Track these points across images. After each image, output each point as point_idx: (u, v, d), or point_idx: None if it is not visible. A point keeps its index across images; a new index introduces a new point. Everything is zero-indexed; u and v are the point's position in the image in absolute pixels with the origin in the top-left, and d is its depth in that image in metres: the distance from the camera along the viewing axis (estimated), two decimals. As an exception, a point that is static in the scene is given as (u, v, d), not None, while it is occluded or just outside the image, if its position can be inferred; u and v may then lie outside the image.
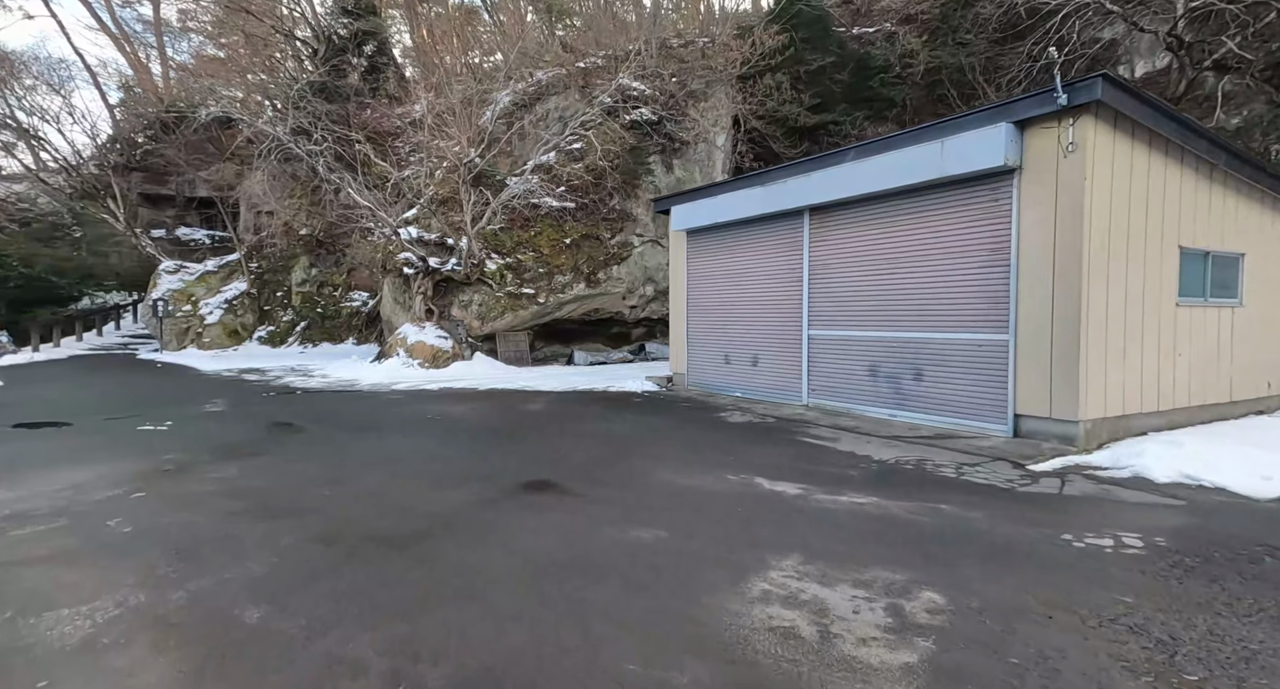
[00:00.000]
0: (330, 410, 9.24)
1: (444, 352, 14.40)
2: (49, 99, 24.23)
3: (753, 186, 9.22)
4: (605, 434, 7.17)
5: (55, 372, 14.56)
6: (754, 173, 9.49)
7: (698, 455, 6.02)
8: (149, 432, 7.35)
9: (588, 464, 5.71)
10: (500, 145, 16.26)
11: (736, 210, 9.47)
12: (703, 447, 6.44)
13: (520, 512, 4.33)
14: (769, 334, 9.33)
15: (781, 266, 9.07)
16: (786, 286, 8.98)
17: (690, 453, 6.15)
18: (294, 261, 21.05)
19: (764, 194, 8.97)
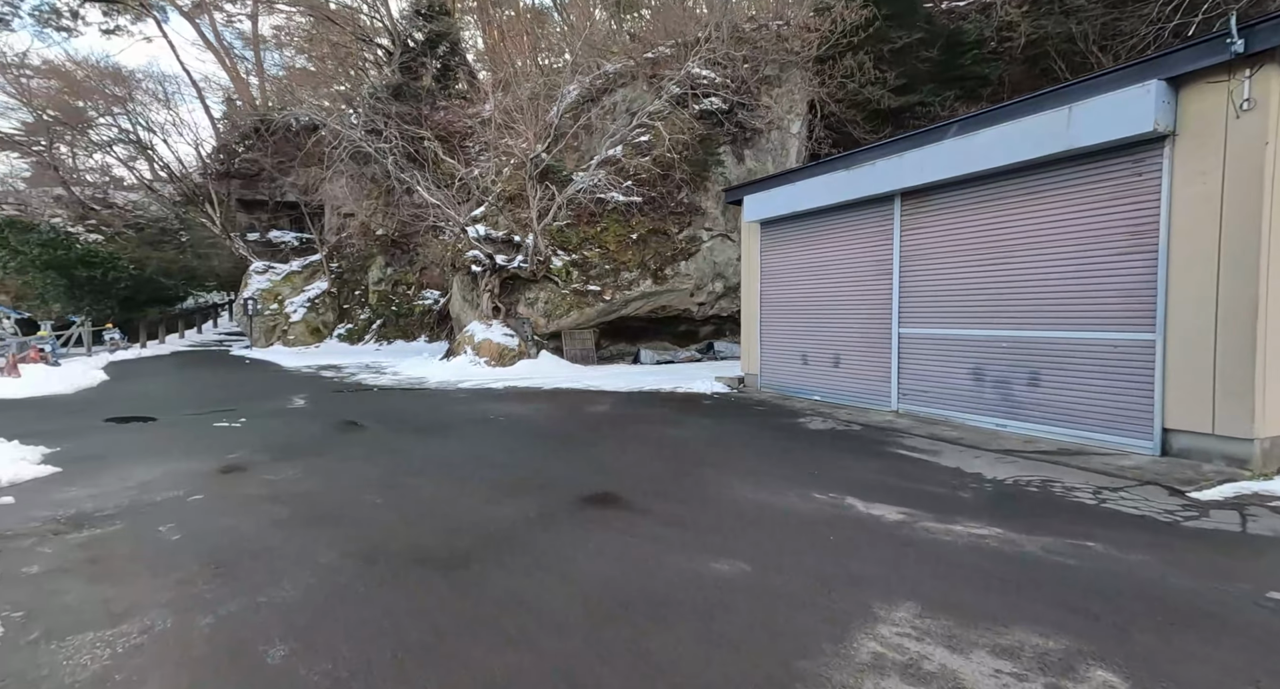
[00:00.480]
0: (396, 408, 9.18)
1: (510, 350, 14.30)
2: (160, 113, 26.28)
3: (835, 171, 8.42)
4: (673, 440, 6.64)
5: (156, 367, 15.54)
6: (836, 156, 8.68)
7: (777, 467, 5.38)
8: (223, 429, 7.44)
9: (654, 475, 5.20)
10: (566, 140, 16.02)
11: (817, 197, 8.70)
12: (782, 457, 5.79)
13: (579, 531, 3.87)
14: (852, 332, 8.51)
15: (868, 258, 8.23)
16: (873, 280, 8.14)
17: (768, 464, 5.52)
18: (371, 261, 21.73)
19: (848, 178, 8.16)
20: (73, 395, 10.14)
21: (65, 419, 8.13)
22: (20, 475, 5.12)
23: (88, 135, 27.49)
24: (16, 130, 27.70)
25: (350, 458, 5.92)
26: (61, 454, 6.01)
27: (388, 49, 21.82)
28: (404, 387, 11.81)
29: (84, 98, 28.31)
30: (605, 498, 4.56)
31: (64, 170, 27.26)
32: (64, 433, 7.10)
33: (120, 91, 27.36)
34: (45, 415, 8.39)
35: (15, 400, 9.48)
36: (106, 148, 26.92)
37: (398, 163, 16.31)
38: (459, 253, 16.23)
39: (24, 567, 3.39)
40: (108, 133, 27.10)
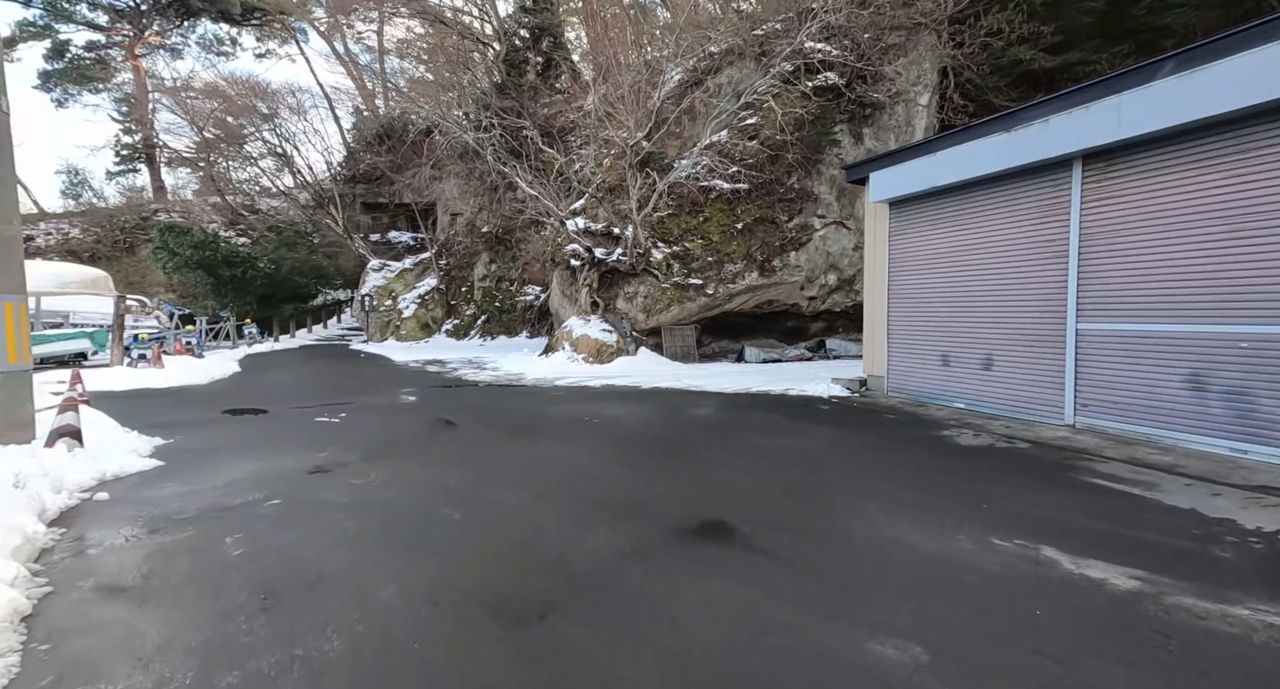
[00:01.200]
0: (491, 406, 8.86)
1: (608, 346, 13.79)
2: (297, 125, 28.59)
3: (989, 135, 7.01)
4: (791, 454, 5.67)
5: (283, 360, 16.59)
6: (990, 117, 7.25)
7: (931, 496, 4.29)
8: (323, 424, 7.38)
9: (774, 500, 4.29)
10: (668, 126, 15.27)
11: (963, 169, 7.32)
12: (935, 482, 4.67)
13: (682, 576, 3.06)
14: (1009, 329, 7.07)
15: (1032, 239, 6.77)
16: (1039, 265, 6.68)
17: (916, 490, 4.43)
18: (476, 258, 22.22)
19: (1008, 143, 6.74)
20: (205, 386, 10.80)
21: (190, 410, 8.49)
22: (126, 469, 5.11)
23: (243, 150, 30.52)
24: (188, 149, 31.27)
25: (437, 461, 5.49)
26: (171, 447, 6.07)
27: (494, 47, 22.19)
28: (501, 383, 11.61)
29: (239, 116, 31.46)
30: (714, 529, 3.73)
31: (220, 181, 30.37)
32: (183, 424, 7.31)
33: (267, 108, 30.11)
34: (176, 406, 8.83)
35: (156, 390, 10.18)
36: (254, 161, 29.76)
37: (499, 155, 16.30)
38: (558, 247, 15.98)
39: (79, 580, 3.11)
40: (258, 147, 29.99)
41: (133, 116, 30.76)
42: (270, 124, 27.53)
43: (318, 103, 31.25)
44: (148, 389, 10.15)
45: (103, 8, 32.23)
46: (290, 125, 27.62)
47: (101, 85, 30.55)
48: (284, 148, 27.21)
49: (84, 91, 31.47)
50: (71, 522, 3.99)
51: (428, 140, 24.85)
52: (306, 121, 27.80)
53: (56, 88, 31.96)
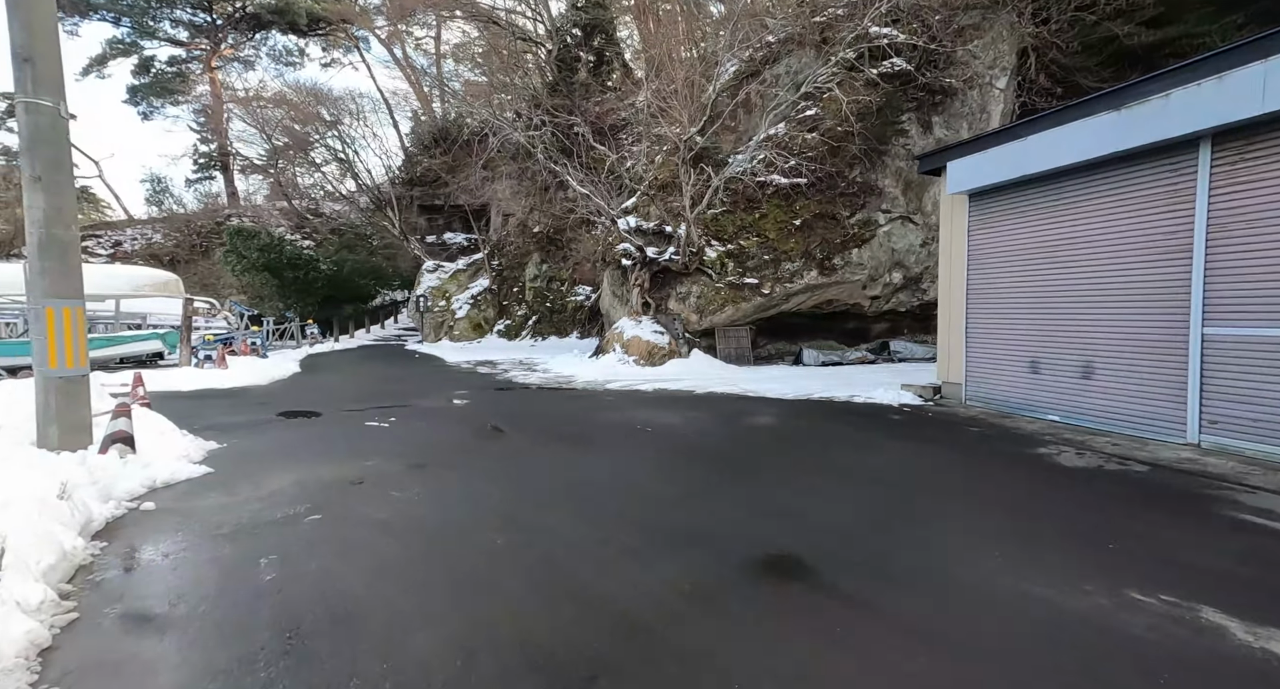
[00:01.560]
0: (540, 412, 8.60)
1: (660, 348, 13.39)
2: (358, 130, 29.49)
3: (1093, 115, 6.22)
4: (866, 472, 5.12)
5: (342, 360, 16.94)
6: (1092, 95, 6.44)
7: (1043, 531, 3.69)
8: (372, 429, 7.27)
9: (851, 528, 3.78)
10: (723, 120, 14.73)
11: (1060, 154, 6.54)
12: (1039, 511, 4.05)
13: (754, 627, 2.62)
14: (1115, 332, 6.27)
15: (1145, 231, 5.96)
16: (1155, 260, 5.86)
17: (1022, 522, 3.83)
18: (528, 258, 22.23)
19: (1117, 124, 5.95)
20: (265, 387, 11.01)
21: (248, 411, 8.57)
22: (176, 476, 5.04)
23: (309, 156, 31.73)
24: (259, 157, 32.76)
25: (481, 475, 5.21)
26: (222, 452, 6.04)
27: (546, 47, 22.14)
28: (551, 386, 11.38)
29: (305, 124, 32.73)
30: (787, 565, 3.26)
31: (287, 186, 31.65)
32: (238, 427, 7.34)
33: (330, 115, 31.17)
34: (234, 407, 8.96)
35: (219, 390, 10.43)
36: (317, 168, 30.89)
37: (549, 154, 16.11)
38: (609, 247, 15.70)
39: (107, 605, 2.92)
40: (322, 153, 31.16)
41: (209, 126, 32.48)
42: (334, 131, 28.48)
43: (377, 108, 31.99)
44: (211, 390, 10.40)
45: (183, 24, 34.14)
46: (352, 131, 28.51)
47: (182, 98, 32.40)
48: (346, 153, 28.16)
49: (166, 104, 33.47)
50: (114, 535, 3.88)
51: (481, 142, 25.09)
52: (366, 127, 28.57)
53: (142, 102, 34.08)
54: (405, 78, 36.30)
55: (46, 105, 4.77)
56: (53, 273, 4.89)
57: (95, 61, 33.09)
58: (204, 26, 34.27)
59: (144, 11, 32.49)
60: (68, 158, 5.02)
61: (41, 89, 4.76)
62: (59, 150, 4.91)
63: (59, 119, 4.86)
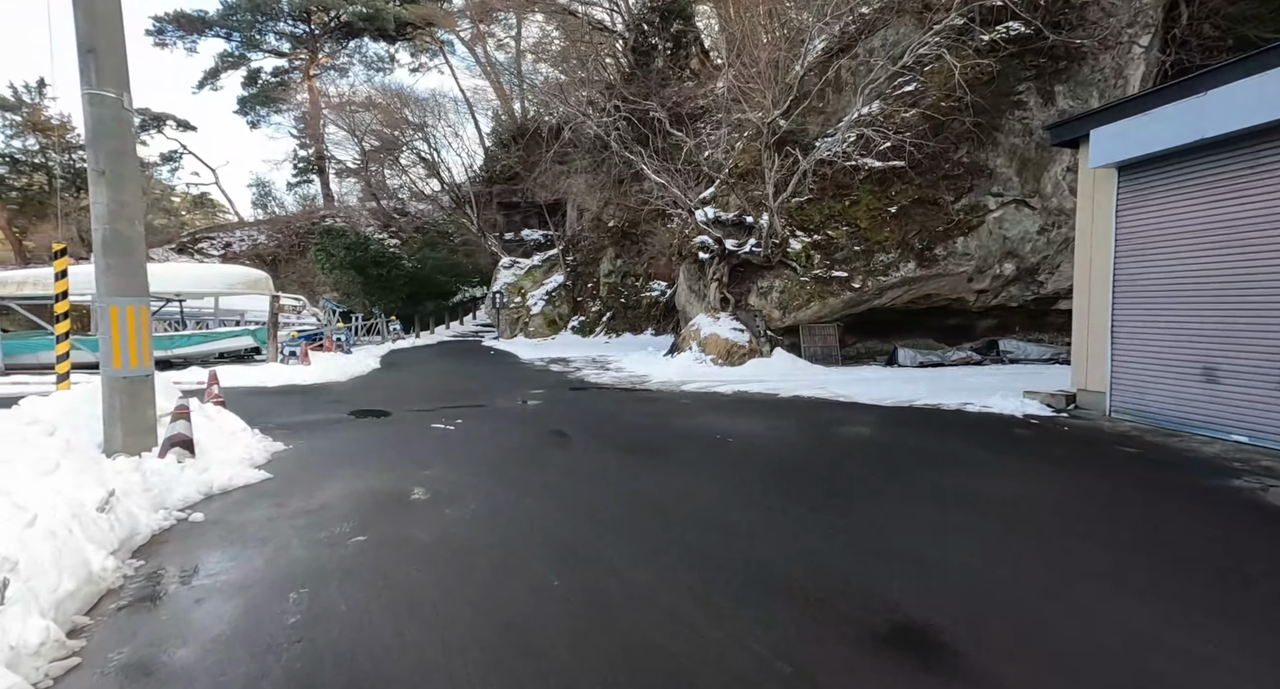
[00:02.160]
0: (611, 415, 8.06)
1: (739, 346, 12.56)
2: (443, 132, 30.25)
3: (1303, 58, 4.89)
4: (996, 503, 4.17)
5: (420, 356, 17.20)
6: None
7: (1260, 598, 2.69)
8: (438, 431, 6.96)
9: (989, 582, 2.93)
10: (810, 100, 13.63)
11: (1253, 112, 5.22)
12: (1252, 573, 3.01)
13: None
14: (1333, 336, 4.92)
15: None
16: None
17: (1230, 589, 2.83)
18: (602, 253, 21.89)
19: (1343, 65, 4.61)
20: (344, 383, 11.14)
21: (322, 409, 8.55)
22: (234, 481, 4.84)
23: (397, 159, 32.97)
24: (353, 161, 34.36)
25: (543, 491, 4.68)
26: (286, 455, 5.87)
27: (623, 36, 21.66)
28: (624, 386, 10.84)
29: (394, 128, 34.02)
30: (913, 638, 2.47)
31: (376, 187, 33.04)
32: (309, 426, 7.24)
33: (415, 118, 32.20)
34: (310, 404, 9.00)
35: (300, 387, 10.61)
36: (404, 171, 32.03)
37: (623, 140, 15.52)
38: (685, 239, 14.99)
39: (113, 650, 2.57)
40: (410, 156, 32.29)
41: (307, 132, 34.44)
42: (420, 133, 29.34)
43: (459, 109, 32.67)
44: (293, 386, 10.59)
45: (285, 36, 36.37)
46: (436, 132, 29.28)
47: (284, 106, 34.55)
48: (431, 154, 28.97)
49: (271, 113, 35.84)
50: (155, 551, 3.62)
51: (558, 137, 25.02)
52: (449, 127, 29.21)
53: (250, 112, 36.66)
54: (486, 76, 37.03)
55: (109, 96, 4.64)
56: (117, 270, 4.77)
57: (209, 75, 35.90)
58: (303, 37, 36.35)
59: (251, 25, 34.85)
60: (131, 151, 4.89)
61: (105, 80, 4.62)
62: (123, 142, 4.78)
63: (122, 111, 4.72)
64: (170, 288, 12.27)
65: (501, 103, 36.93)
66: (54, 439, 3.93)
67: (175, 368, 12.14)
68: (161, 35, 34.41)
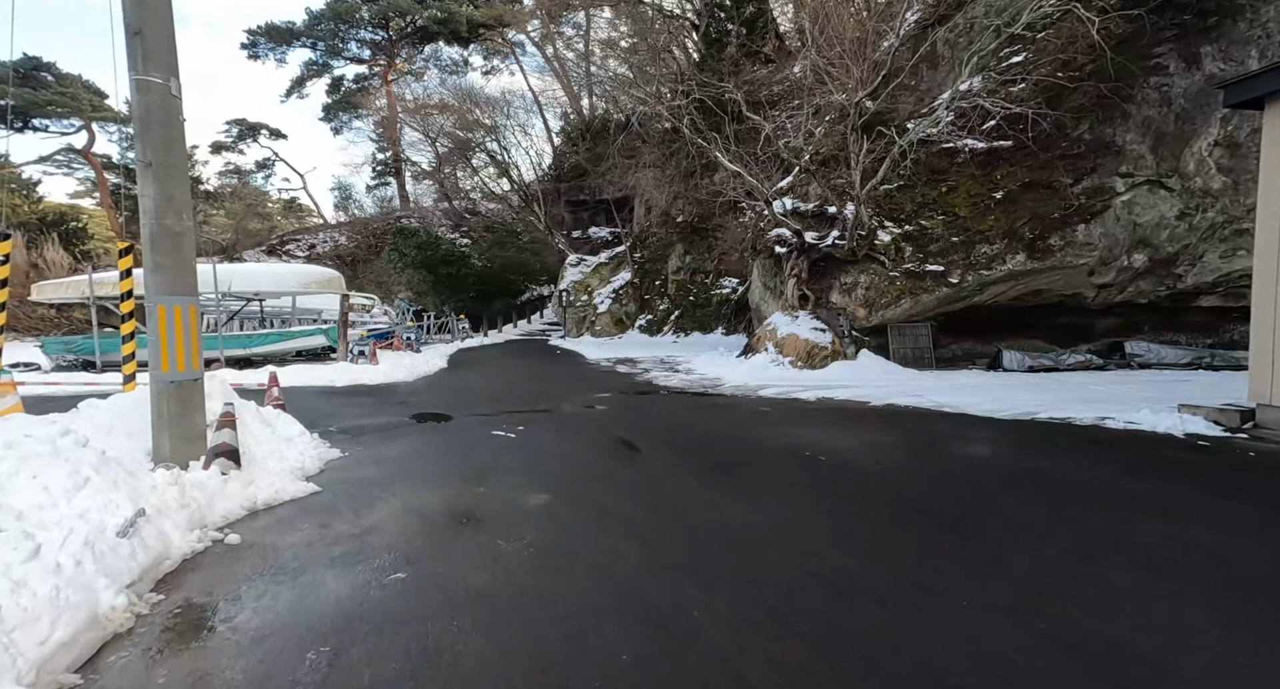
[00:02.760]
0: (682, 422, 7.36)
1: (821, 348, 11.56)
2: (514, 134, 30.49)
3: None
4: (1202, 565, 3.17)
5: (488, 355, 17.08)
6: None
7: None
8: (497, 440, 6.48)
9: None
10: (901, 78, 12.39)
11: None
12: None
13: None
14: None
15: None
16: None
17: None
18: (670, 250, 21.20)
19: None
20: (411, 383, 10.99)
21: (385, 411, 8.31)
22: (279, 496, 4.48)
23: (469, 160, 33.54)
24: (429, 164, 35.22)
25: (609, 516, 4.04)
26: (340, 464, 5.53)
27: (694, 22, 20.86)
28: (695, 390, 10.11)
29: (468, 130, 34.61)
30: None
31: (448, 187, 33.73)
32: (368, 431, 6.95)
33: (489, 120, 32.59)
34: (374, 406, 8.79)
35: (367, 387, 10.52)
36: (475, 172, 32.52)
37: (695, 127, 14.70)
38: (760, 233, 14.06)
39: (91, 726, 2.11)
40: (482, 157, 32.78)
41: (385, 136, 35.62)
42: (492, 134, 29.62)
43: (529, 108, 32.89)
44: (360, 386, 10.52)
45: (366, 43, 37.81)
46: (507, 134, 29.53)
47: (364, 111, 35.93)
48: (501, 154, 29.22)
49: (352, 119, 37.33)
50: (179, 583, 3.22)
51: (625, 132, 24.54)
52: (519, 126, 29.47)
53: (334, 118, 38.33)
54: (554, 75, 37.10)
55: (157, 82, 4.35)
56: (165, 268, 4.49)
57: (295, 83, 37.85)
58: (382, 43, 37.64)
59: (334, 34, 36.40)
60: (180, 141, 4.60)
61: (151, 65, 4.34)
62: (170, 132, 4.50)
63: (170, 98, 4.43)
64: (249, 287, 12.58)
65: (570, 101, 36.90)
66: (87, 451, 3.63)
67: (255, 366, 12.41)
68: (254, 48, 36.55)
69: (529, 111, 33.63)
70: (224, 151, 40.36)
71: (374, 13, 35.94)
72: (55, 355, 11.56)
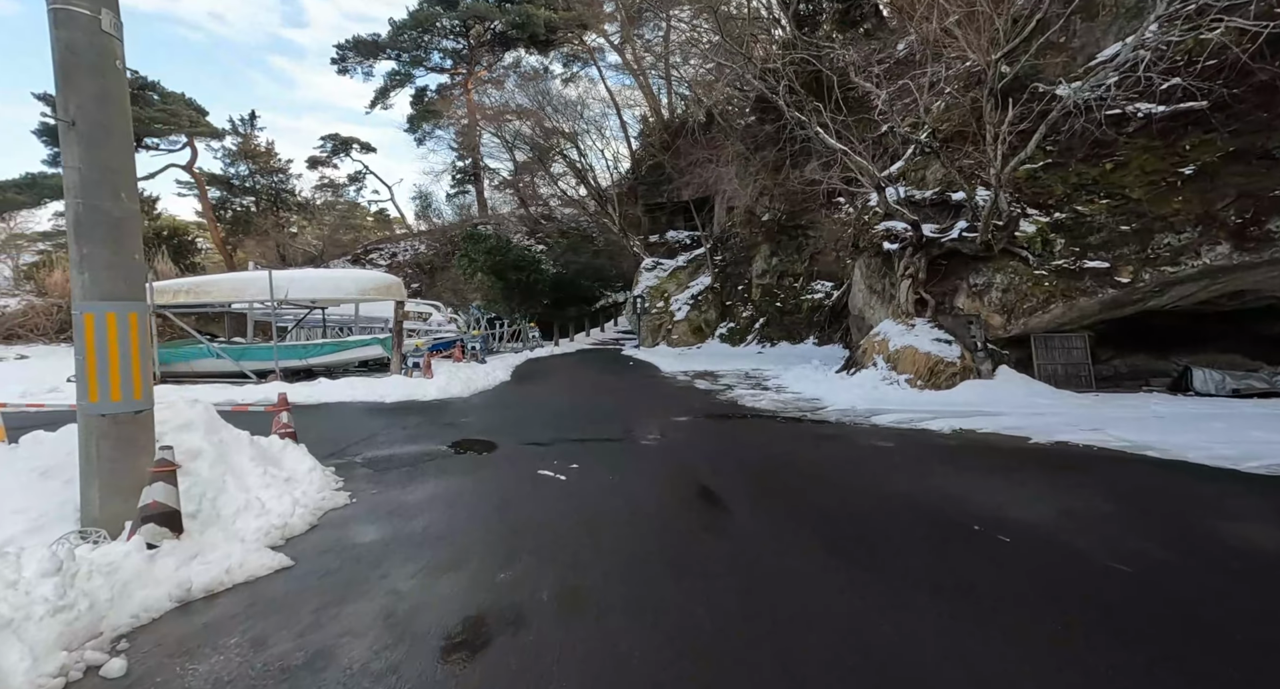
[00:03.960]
0: (779, 462, 5.67)
1: (947, 363, 9.47)
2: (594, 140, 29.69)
3: None
4: None
5: (554, 367, 15.88)
6: None
7: None
8: (544, 485, 5.07)
9: None
10: (1049, 34, 10.08)
11: None
12: None
13: None
14: None
15: None
16: None
17: None
18: (755, 252, 19.35)
19: None
20: (466, 399, 9.89)
21: (426, 436, 7.14)
22: (229, 576, 3.24)
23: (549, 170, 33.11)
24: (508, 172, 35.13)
25: (688, 634, 2.46)
26: (335, 519, 4.28)
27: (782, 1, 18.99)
28: (790, 414, 8.34)
29: (546, 137, 34.22)
30: None
31: (525, 193, 33.40)
32: (395, 463, 5.75)
33: (569, 126, 31.97)
34: (418, 427, 7.68)
35: (416, 402, 9.50)
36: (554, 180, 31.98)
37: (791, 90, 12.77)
38: (864, 227, 12.06)
39: None
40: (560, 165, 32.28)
41: (464, 144, 35.84)
42: (570, 142, 28.95)
43: (605, 110, 32.01)
44: (411, 402, 9.52)
45: (448, 52, 38.42)
46: (585, 139, 28.76)
47: (446, 121, 36.37)
48: (580, 161, 28.48)
49: (436, 128, 37.92)
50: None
51: (707, 130, 23.06)
52: (596, 129, 28.58)
53: (417, 129, 39.11)
54: (633, 76, 36.13)
55: (80, 13, 3.24)
56: (97, 264, 3.36)
57: (379, 94, 38.92)
58: (462, 52, 38.09)
59: (416, 43, 37.16)
60: (119, 93, 3.47)
61: (75, -9, 3.21)
62: (106, 82, 3.38)
63: (100, 35, 3.31)
64: (306, 295, 11.92)
65: (648, 102, 35.78)
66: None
67: (315, 376, 11.80)
68: (344, 62, 37.93)
69: (605, 114, 32.79)
70: (320, 166, 42.19)
71: (453, 19, 36.38)
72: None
